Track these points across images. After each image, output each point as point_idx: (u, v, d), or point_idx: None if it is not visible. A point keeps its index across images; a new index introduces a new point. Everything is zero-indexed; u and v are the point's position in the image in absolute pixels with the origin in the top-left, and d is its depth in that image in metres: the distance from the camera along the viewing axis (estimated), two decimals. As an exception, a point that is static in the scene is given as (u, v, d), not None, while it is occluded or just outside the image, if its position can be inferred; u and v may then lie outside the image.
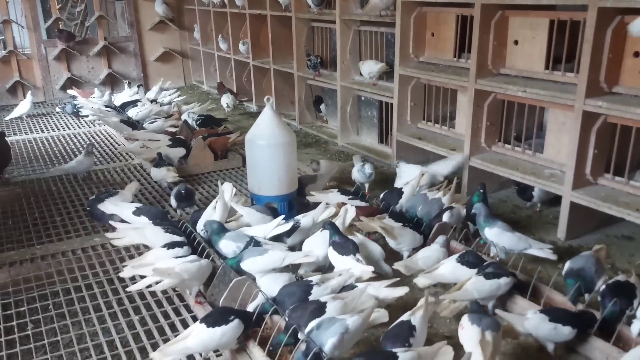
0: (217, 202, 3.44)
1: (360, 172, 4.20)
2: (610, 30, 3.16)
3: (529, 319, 2.40)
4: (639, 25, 2.88)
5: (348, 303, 2.51)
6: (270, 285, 2.77)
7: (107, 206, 3.60)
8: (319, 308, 2.43)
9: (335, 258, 2.93)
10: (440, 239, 3.12)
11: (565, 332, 2.35)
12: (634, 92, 3.22)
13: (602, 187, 3.46)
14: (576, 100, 3.30)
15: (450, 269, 2.84)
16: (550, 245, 3.15)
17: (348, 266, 2.83)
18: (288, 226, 3.27)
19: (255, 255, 2.91)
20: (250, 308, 2.60)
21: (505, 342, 2.57)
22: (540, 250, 3.07)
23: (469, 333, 2.29)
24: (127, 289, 2.95)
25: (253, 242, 3.06)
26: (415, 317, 2.32)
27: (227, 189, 3.58)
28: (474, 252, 2.97)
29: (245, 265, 2.90)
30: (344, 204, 3.56)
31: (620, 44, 3.21)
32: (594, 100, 3.22)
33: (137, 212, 3.51)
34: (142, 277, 2.83)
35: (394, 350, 2.16)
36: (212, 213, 3.39)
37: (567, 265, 2.75)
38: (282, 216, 3.35)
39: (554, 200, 3.84)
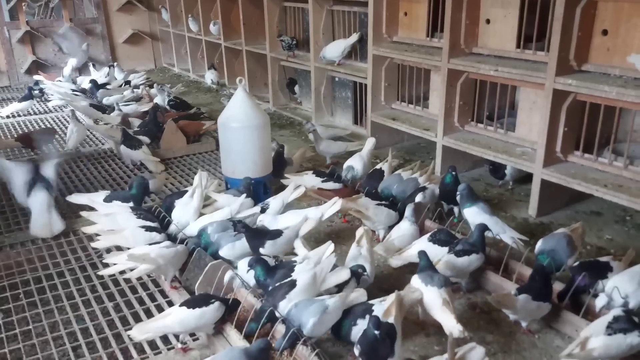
0: (194, 192, 3.39)
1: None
2: (579, 8, 3.19)
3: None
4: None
5: (317, 274, 2.51)
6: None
7: (77, 198, 3.53)
8: (290, 284, 2.45)
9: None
10: (408, 210, 3.10)
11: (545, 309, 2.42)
12: (602, 69, 3.27)
13: (572, 164, 3.53)
14: (546, 79, 3.34)
15: (423, 248, 2.86)
16: (525, 237, 3.07)
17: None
18: (257, 209, 3.28)
19: (234, 241, 2.89)
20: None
21: (477, 316, 2.63)
22: (511, 239, 3.00)
23: (429, 295, 2.40)
24: (99, 273, 2.90)
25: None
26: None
27: (203, 178, 3.53)
28: (446, 230, 3.00)
29: (223, 252, 2.89)
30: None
31: (589, 22, 3.24)
32: (563, 79, 3.27)
33: (109, 199, 3.44)
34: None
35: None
36: (189, 202, 3.34)
37: (540, 243, 2.80)
38: (244, 194, 3.37)
39: (526, 178, 3.90)
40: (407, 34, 4.63)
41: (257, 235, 2.88)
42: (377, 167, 3.98)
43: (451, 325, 2.27)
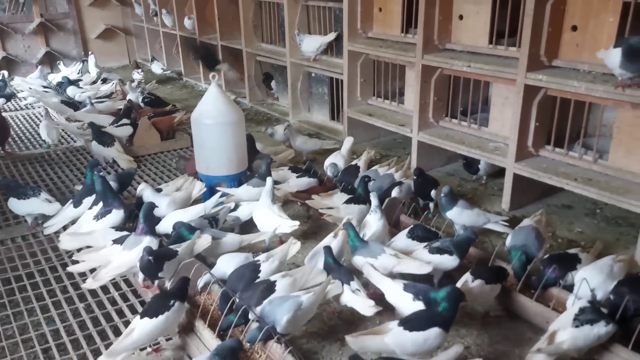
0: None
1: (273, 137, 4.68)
2: (549, 4, 3.23)
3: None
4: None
5: (297, 280, 2.52)
6: (227, 265, 2.73)
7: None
8: (269, 287, 2.43)
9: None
10: (374, 201, 3.03)
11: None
12: (572, 65, 3.32)
13: (544, 158, 3.58)
14: (518, 74, 3.38)
15: (403, 244, 2.88)
16: (504, 217, 3.27)
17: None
18: (231, 206, 3.31)
19: (215, 237, 2.89)
20: (199, 285, 2.58)
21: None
22: (497, 224, 3.17)
23: (346, 294, 2.48)
24: (68, 269, 2.84)
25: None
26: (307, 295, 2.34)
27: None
28: (422, 225, 3.02)
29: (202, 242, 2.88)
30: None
31: (559, 17, 3.29)
32: (534, 74, 3.31)
33: (76, 204, 3.39)
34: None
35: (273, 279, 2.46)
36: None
37: (510, 238, 2.83)
38: (220, 193, 3.37)
39: (499, 173, 3.95)
40: (382, 29, 4.64)
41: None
42: (353, 163, 3.99)
43: (364, 306, 2.39)
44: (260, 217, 3.16)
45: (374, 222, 3.00)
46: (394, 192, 3.46)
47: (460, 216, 3.13)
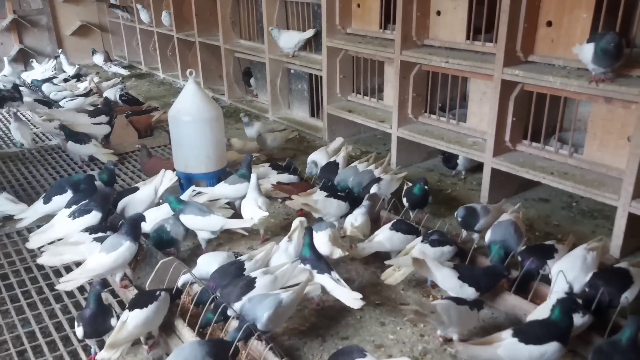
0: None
1: (247, 128, 4.63)
2: (525, 0, 3.26)
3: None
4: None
5: (279, 277, 2.51)
6: (208, 264, 2.71)
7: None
8: (249, 284, 2.42)
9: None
10: (366, 200, 3.23)
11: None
12: (547, 60, 3.36)
13: (521, 153, 3.63)
14: (495, 70, 3.41)
15: (387, 236, 2.90)
16: None
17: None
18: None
19: (197, 214, 2.95)
20: (179, 283, 2.56)
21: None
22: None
23: (324, 283, 2.53)
24: (38, 260, 2.79)
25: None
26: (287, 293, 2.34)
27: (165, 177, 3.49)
28: (403, 220, 3.04)
29: (184, 218, 2.95)
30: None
31: (534, 13, 3.32)
32: (511, 69, 3.34)
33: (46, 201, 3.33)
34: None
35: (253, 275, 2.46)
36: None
37: (489, 233, 2.86)
38: (193, 187, 3.41)
39: (477, 168, 3.99)
40: (361, 25, 4.64)
41: None
42: (332, 159, 3.99)
43: (350, 298, 2.41)
44: (244, 208, 3.23)
45: (359, 216, 3.09)
46: (374, 189, 3.47)
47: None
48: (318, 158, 4.02)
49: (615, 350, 1.90)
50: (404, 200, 3.38)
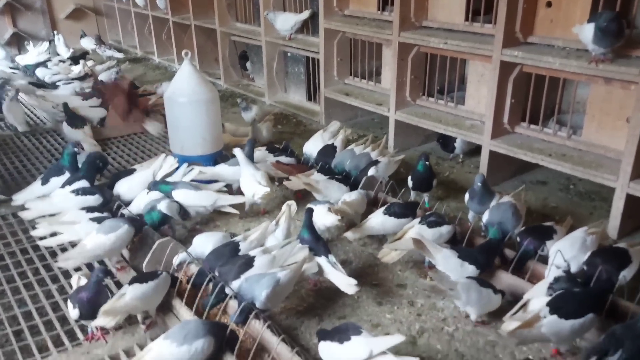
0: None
1: (244, 112, 4.62)
2: (524, -20, 3.23)
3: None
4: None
5: (277, 257, 2.50)
6: (204, 244, 2.70)
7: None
8: (247, 262, 2.41)
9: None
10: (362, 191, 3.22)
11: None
12: (546, 41, 3.34)
13: (519, 135, 3.61)
14: (494, 51, 3.38)
15: (379, 221, 2.89)
16: None
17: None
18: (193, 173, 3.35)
19: (189, 189, 2.96)
20: (175, 263, 2.55)
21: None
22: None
23: (322, 265, 2.52)
24: (32, 233, 2.81)
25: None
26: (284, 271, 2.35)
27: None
28: (398, 202, 3.03)
29: (176, 194, 2.96)
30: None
31: (534, -6, 3.29)
32: (510, 50, 3.32)
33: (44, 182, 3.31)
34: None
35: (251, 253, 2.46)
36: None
37: (487, 214, 2.86)
38: (176, 159, 3.43)
39: (475, 151, 3.98)
40: (358, 7, 4.59)
41: None
42: (329, 142, 3.96)
43: (345, 283, 2.40)
44: (243, 184, 3.23)
45: (354, 194, 3.11)
46: (371, 171, 3.46)
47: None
48: (312, 148, 3.96)
49: (629, 335, 1.87)
50: (409, 181, 3.35)
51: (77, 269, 2.69)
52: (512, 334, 2.04)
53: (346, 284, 2.43)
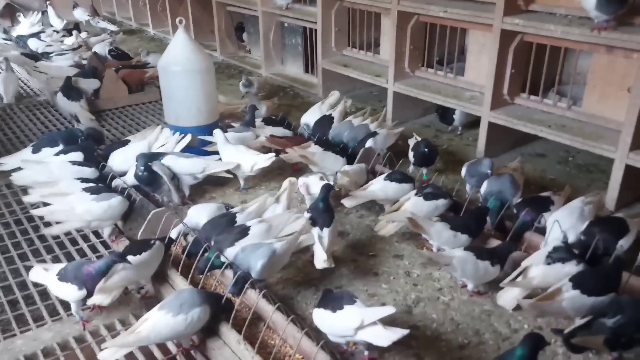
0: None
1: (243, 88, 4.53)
2: (527, -54, 3.15)
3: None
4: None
5: (273, 227, 2.49)
6: (199, 215, 2.68)
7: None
8: (242, 231, 2.41)
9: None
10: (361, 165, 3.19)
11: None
12: (548, 9, 3.27)
13: (519, 106, 3.57)
14: (495, 19, 3.31)
15: (381, 186, 2.87)
16: None
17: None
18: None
19: (178, 156, 2.98)
20: (173, 235, 2.53)
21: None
22: None
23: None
24: (24, 198, 2.79)
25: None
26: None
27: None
28: (399, 172, 3.00)
29: (166, 160, 2.98)
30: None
31: (537, -40, 3.21)
32: (511, 18, 3.25)
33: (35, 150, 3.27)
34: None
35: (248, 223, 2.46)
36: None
37: (486, 185, 2.83)
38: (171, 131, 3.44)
39: (474, 123, 3.93)
40: (357, -25, 4.49)
41: None
42: (327, 113, 3.92)
43: (318, 257, 2.39)
44: (239, 160, 3.18)
45: (355, 165, 3.10)
46: (369, 143, 3.41)
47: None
48: (310, 120, 3.91)
49: (632, 305, 1.86)
50: (410, 155, 3.31)
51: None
52: (532, 306, 2.03)
53: (319, 258, 2.40)
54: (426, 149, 3.24)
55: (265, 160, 3.14)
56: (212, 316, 2.03)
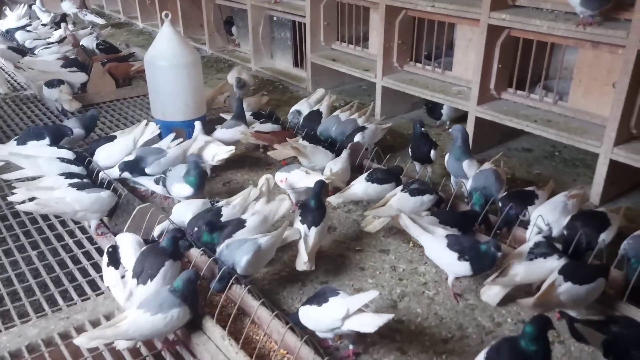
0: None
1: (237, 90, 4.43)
2: (514, -59, 3.15)
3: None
4: None
5: (268, 217, 2.54)
6: (184, 212, 2.68)
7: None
8: (239, 224, 2.45)
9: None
10: (344, 153, 3.20)
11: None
12: (535, 4, 3.28)
13: (505, 101, 3.58)
14: (482, 14, 3.32)
15: (362, 188, 2.87)
16: None
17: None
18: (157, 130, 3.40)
19: (159, 158, 2.99)
20: (156, 232, 2.52)
21: (413, 249, 2.68)
22: None
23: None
24: (9, 198, 2.76)
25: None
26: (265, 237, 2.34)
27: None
28: (381, 168, 3.01)
29: (150, 169, 2.98)
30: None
31: (523, -45, 3.22)
32: (498, 13, 3.26)
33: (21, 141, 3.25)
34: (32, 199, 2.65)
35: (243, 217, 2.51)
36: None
37: (471, 181, 2.85)
38: (158, 125, 3.43)
39: (462, 118, 3.94)
40: (345, -31, 4.48)
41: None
42: (315, 108, 3.92)
43: (300, 259, 2.39)
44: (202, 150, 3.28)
45: (339, 162, 3.09)
46: (357, 137, 3.42)
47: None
48: (301, 108, 3.95)
49: None
50: (410, 150, 3.28)
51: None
52: (535, 305, 2.05)
53: (301, 260, 2.40)
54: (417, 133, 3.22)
55: (226, 152, 3.20)
56: (192, 315, 2.02)
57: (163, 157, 3.04)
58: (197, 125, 3.42)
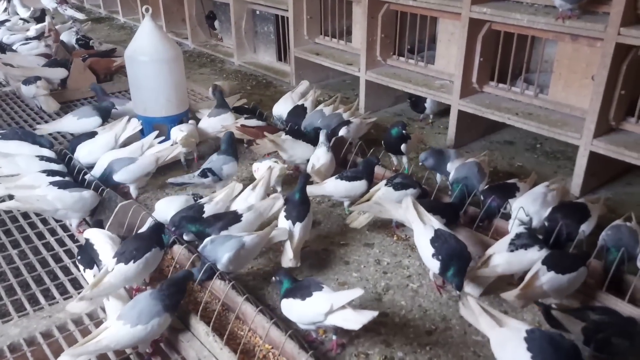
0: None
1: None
2: None
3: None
4: None
5: (262, 213, 2.55)
6: (167, 209, 2.66)
7: None
8: (235, 218, 2.46)
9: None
10: (322, 136, 3.14)
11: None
12: (516, -3, 3.31)
13: (487, 94, 3.61)
14: (463, 8, 3.33)
15: (332, 185, 2.84)
16: None
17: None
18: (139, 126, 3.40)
19: (128, 164, 2.91)
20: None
21: (402, 244, 2.70)
22: None
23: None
24: None
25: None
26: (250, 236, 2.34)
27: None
28: (351, 169, 2.99)
29: (118, 176, 2.90)
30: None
31: (503, -51, 3.24)
32: (479, 7, 3.27)
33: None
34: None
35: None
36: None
37: (453, 173, 2.87)
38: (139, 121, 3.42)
39: (445, 112, 3.97)
40: (328, -38, 4.46)
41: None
42: (299, 103, 3.91)
43: (285, 256, 2.38)
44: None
45: (322, 155, 3.06)
46: (342, 132, 3.42)
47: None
48: (282, 110, 3.89)
49: None
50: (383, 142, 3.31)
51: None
52: (518, 297, 2.06)
53: (287, 257, 2.39)
54: (394, 135, 3.22)
55: (179, 136, 3.22)
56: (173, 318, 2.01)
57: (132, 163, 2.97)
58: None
